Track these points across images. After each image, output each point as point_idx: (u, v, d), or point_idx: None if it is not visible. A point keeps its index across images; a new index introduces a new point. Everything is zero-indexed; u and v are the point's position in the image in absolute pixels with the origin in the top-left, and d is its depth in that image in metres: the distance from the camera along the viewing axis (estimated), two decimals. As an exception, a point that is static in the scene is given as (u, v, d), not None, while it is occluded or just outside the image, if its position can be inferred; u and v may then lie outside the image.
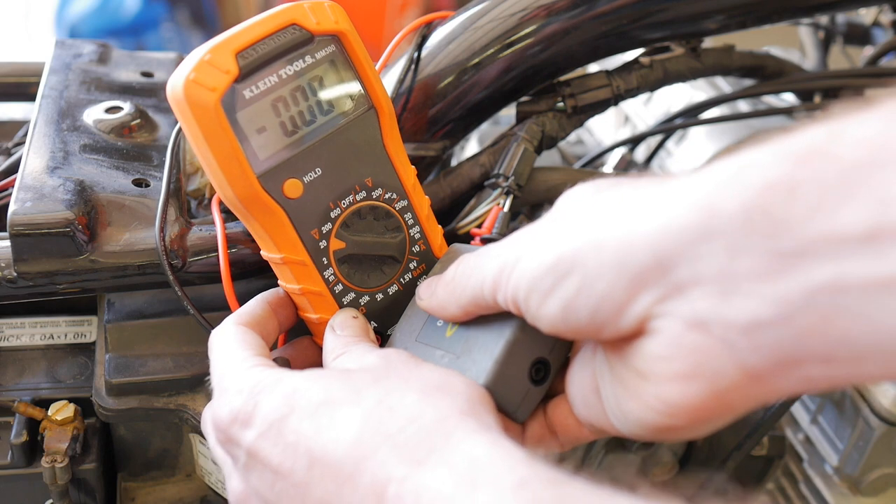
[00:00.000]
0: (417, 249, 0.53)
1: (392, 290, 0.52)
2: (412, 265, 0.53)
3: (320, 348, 0.49)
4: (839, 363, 0.32)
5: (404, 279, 0.53)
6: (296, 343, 0.52)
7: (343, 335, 0.48)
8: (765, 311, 0.32)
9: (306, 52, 0.49)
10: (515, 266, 0.40)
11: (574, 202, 0.41)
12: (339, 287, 0.50)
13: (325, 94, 0.49)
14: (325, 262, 0.50)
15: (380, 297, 0.52)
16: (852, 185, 0.30)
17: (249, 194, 0.47)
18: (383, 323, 0.52)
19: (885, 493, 0.71)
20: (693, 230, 0.34)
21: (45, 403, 0.58)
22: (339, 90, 0.50)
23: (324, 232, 0.50)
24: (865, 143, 0.30)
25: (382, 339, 0.52)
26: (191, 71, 0.45)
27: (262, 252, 0.50)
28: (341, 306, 0.51)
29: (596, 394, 0.42)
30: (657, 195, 0.36)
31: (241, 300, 0.54)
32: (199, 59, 0.45)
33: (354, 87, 0.50)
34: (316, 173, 0.49)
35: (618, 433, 0.42)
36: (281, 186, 0.48)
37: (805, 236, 0.31)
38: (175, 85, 0.45)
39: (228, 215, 0.60)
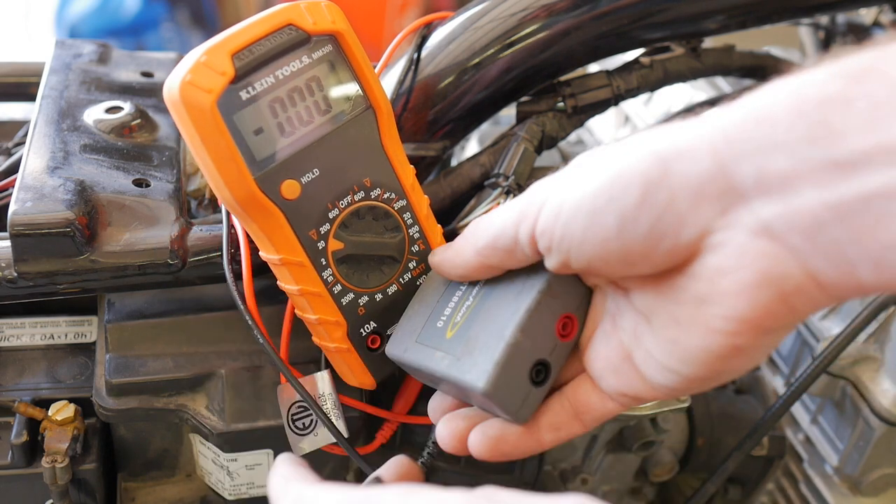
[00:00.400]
0: (417, 249, 0.53)
1: (391, 290, 0.52)
2: (412, 265, 0.53)
3: (419, 469, 0.46)
4: (890, 268, 0.33)
5: (404, 279, 0.53)
6: (393, 464, 0.46)
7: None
8: (824, 213, 0.34)
9: (303, 52, 0.48)
10: (552, 194, 0.40)
11: (593, 151, 0.41)
12: (338, 287, 0.50)
13: (323, 95, 0.49)
14: (324, 263, 0.50)
15: (379, 297, 0.52)
16: None
17: (247, 196, 0.47)
18: (383, 323, 0.52)
19: (885, 494, 0.71)
20: (755, 140, 0.35)
21: (45, 403, 0.58)
22: (337, 90, 0.50)
23: (322, 233, 0.50)
24: None
25: (382, 339, 0.52)
26: (187, 73, 0.45)
27: (260, 253, 0.50)
28: (340, 307, 0.51)
29: (627, 359, 0.42)
30: (709, 115, 0.37)
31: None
32: (194, 60, 0.45)
33: (352, 88, 0.50)
34: (314, 174, 0.49)
35: (653, 394, 0.42)
36: (278, 188, 0.48)
37: (861, 146, 0.32)
38: (171, 87, 0.45)
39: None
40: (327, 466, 0.62)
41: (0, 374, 0.61)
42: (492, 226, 0.44)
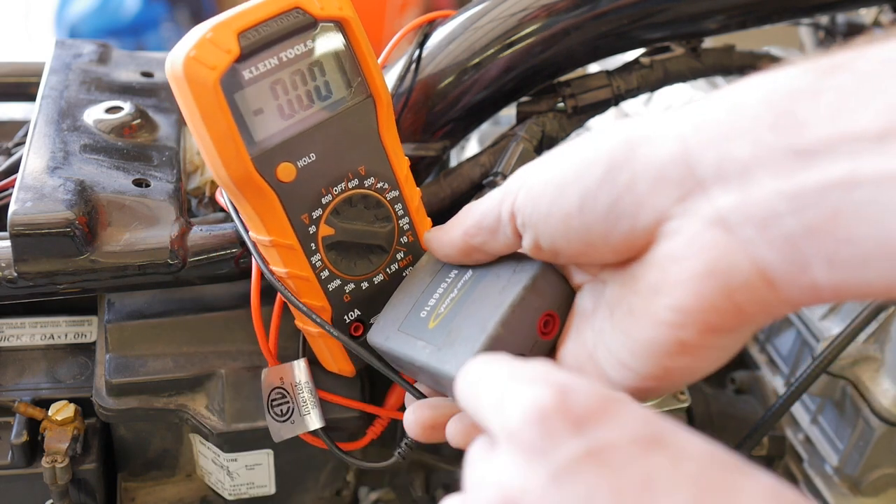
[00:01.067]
0: (405, 240, 0.53)
1: (378, 279, 0.52)
2: (399, 256, 0.53)
3: None
4: (844, 266, 0.33)
5: (391, 269, 0.53)
6: None
7: None
8: (780, 204, 0.33)
9: (308, 36, 0.49)
10: (529, 176, 0.41)
11: (583, 136, 0.42)
12: (326, 273, 0.51)
13: (324, 80, 0.49)
14: (314, 248, 0.50)
15: (365, 285, 0.52)
16: (869, 92, 0.32)
17: (243, 175, 0.47)
18: (367, 312, 0.52)
19: (886, 494, 0.71)
20: (720, 127, 0.35)
21: (45, 403, 0.58)
22: (339, 77, 0.50)
23: (314, 217, 0.50)
24: (884, 60, 0.32)
25: (364, 327, 0.53)
26: (192, 48, 0.45)
27: (250, 233, 0.50)
28: (326, 292, 0.51)
29: (591, 357, 0.42)
30: (682, 107, 0.37)
31: (241, 301, 0.54)
32: (200, 36, 0.45)
33: (354, 75, 0.50)
34: (310, 158, 0.49)
35: None
36: (274, 169, 0.48)
37: (824, 136, 0.32)
38: (175, 61, 0.45)
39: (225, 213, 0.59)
40: (328, 466, 0.62)
41: (0, 374, 0.61)
42: (480, 206, 0.45)
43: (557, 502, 0.30)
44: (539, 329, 0.45)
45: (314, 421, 0.54)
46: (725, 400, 0.75)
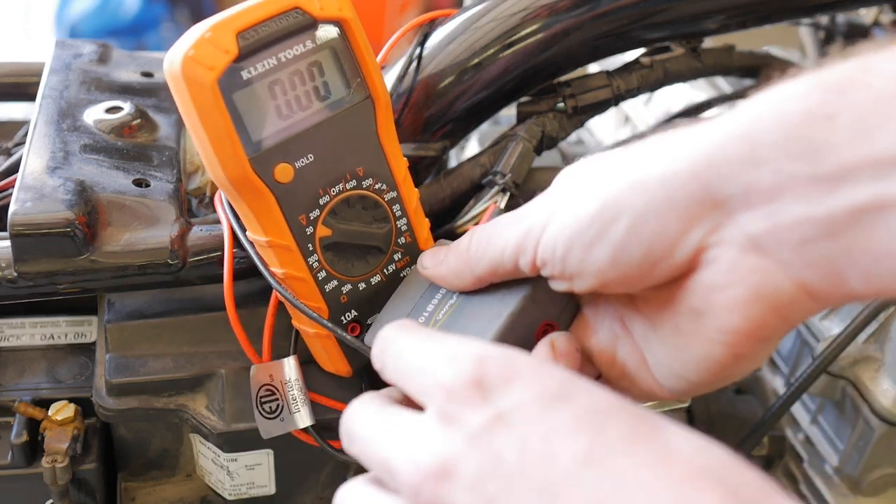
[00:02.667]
0: (403, 241, 0.53)
1: (375, 280, 0.52)
2: (396, 257, 0.53)
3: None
4: (880, 279, 0.34)
5: (388, 270, 0.53)
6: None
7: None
8: (812, 229, 0.34)
9: (307, 36, 0.49)
10: (547, 226, 0.41)
11: (580, 169, 0.42)
12: (323, 274, 0.51)
13: (323, 81, 0.49)
14: (311, 249, 0.50)
15: (362, 286, 0.52)
16: (886, 112, 0.32)
17: (240, 176, 0.47)
18: (363, 312, 0.52)
19: (886, 493, 0.71)
20: (738, 160, 0.35)
21: (45, 403, 0.58)
22: (338, 77, 0.50)
23: (311, 218, 0.50)
24: (894, 74, 0.32)
25: (361, 328, 0.52)
26: (190, 48, 0.45)
27: (247, 233, 0.50)
28: (323, 293, 0.51)
29: (643, 363, 0.43)
30: (690, 134, 0.37)
31: (242, 300, 0.54)
32: (199, 36, 0.45)
33: (353, 76, 0.50)
34: (308, 159, 0.49)
35: (665, 395, 0.43)
36: (272, 170, 0.48)
37: (845, 160, 0.32)
38: (173, 61, 0.45)
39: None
40: (328, 466, 0.62)
41: (0, 374, 0.61)
42: (488, 253, 0.44)
43: (475, 463, 0.33)
44: (537, 338, 0.45)
45: (304, 419, 0.54)
46: (725, 400, 0.75)
